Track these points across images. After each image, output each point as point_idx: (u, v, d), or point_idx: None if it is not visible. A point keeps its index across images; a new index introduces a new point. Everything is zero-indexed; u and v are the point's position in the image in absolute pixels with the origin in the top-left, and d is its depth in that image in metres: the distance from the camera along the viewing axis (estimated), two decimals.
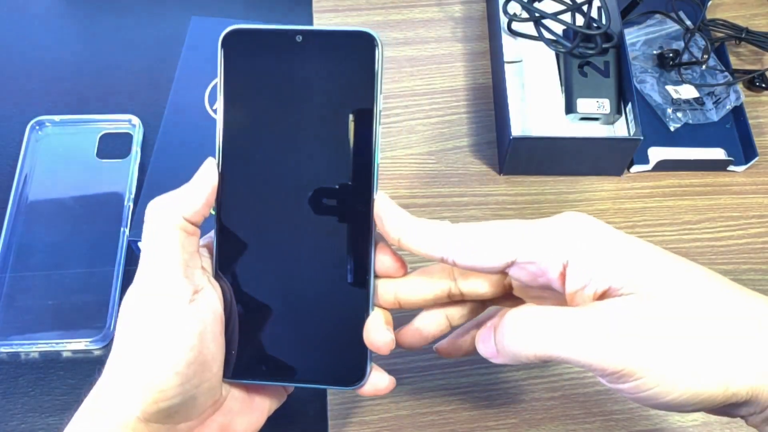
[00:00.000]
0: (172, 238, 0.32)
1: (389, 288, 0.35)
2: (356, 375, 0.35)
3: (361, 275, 0.34)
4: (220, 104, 0.34)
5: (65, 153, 0.56)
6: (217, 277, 0.35)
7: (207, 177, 0.34)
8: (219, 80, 0.34)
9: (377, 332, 0.34)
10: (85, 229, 0.53)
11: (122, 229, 0.53)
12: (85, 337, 0.49)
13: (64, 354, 0.49)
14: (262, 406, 0.37)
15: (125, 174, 0.55)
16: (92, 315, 0.50)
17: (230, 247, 0.34)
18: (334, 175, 0.34)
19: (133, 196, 0.54)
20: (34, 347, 0.49)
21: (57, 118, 0.58)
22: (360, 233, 0.34)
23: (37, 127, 0.57)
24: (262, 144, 0.34)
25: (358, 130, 0.33)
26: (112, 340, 0.49)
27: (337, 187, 0.34)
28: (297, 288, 0.35)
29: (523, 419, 0.48)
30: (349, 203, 0.34)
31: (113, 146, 0.57)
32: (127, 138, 0.57)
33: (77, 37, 0.66)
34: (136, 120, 0.58)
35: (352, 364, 0.35)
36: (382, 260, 0.34)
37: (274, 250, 0.34)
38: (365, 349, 0.34)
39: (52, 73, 0.63)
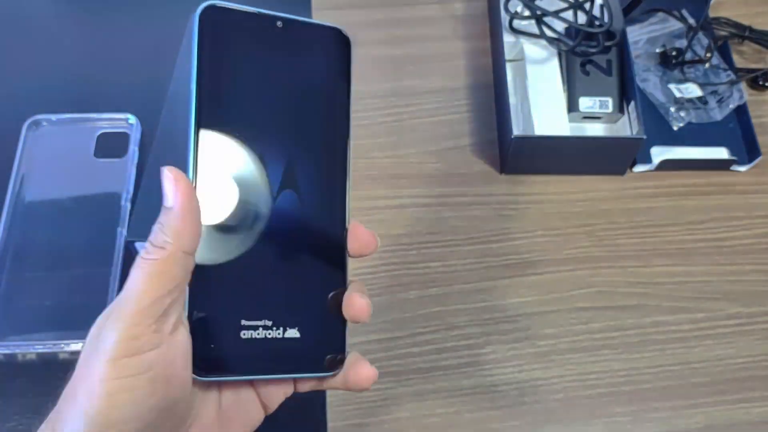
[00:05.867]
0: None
1: None
2: (333, 358, 0.34)
3: (336, 253, 0.34)
4: (192, 86, 0.32)
5: (62, 152, 0.56)
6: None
7: (193, 205, 0.31)
8: (192, 59, 0.32)
9: (356, 299, 0.33)
10: (83, 229, 0.53)
11: (119, 229, 0.52)
12: (83, 339, 0.48)
13: (62, 355, 0.49)
14: None
15: (123, 173, 0.55)
16: (90, 316, 0.48)
17: (203, 233, 0.32)
18: (308, 158, 0.34)
19: (130, 195, 0.54)
20: (31, 348, 0.48)
21: (54, 117, 0.57)
22: (335, 210, 0.34)
23: (34, 126, 0.57)
24: (236, 132, 0.33)
25: (332, 112, 0.34)
26: None
27: (310, 167, 0.34)
28: (268, 271, 0.34)
29: (526, 422, 0.48)
30: (323, 184, 0.34)
31: (111, 145, 0.56)
32: (124, 137, 0.57)
33: (74, 35, 0.65)
34: (133, 119, 0.57)
35: (328, 347, 0.34)
36: (355, 236, 0.34)
37: (248, 234, 0.33)
38: (341, 329, 0.34)
39: (48, 71, 0.62)
